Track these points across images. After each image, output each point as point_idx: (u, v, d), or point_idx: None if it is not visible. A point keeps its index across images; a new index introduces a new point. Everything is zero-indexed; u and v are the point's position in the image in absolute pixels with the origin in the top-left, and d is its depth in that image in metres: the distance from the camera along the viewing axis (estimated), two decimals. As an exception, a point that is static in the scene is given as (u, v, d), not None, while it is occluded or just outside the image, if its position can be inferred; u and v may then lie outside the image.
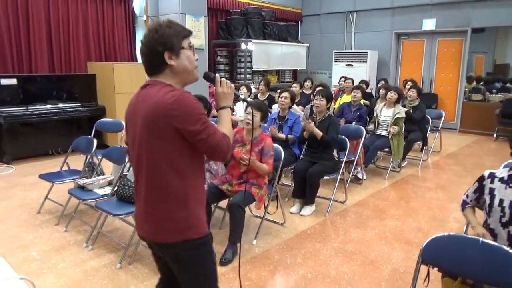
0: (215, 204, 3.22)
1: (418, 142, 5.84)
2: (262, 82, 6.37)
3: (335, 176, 3.98)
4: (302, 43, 9.86)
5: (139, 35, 7.58)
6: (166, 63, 1.51)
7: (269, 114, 4.90)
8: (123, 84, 6.11)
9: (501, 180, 2.09)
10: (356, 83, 6.82)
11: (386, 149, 5.15)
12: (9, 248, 3.11)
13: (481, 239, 1.70)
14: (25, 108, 5.62)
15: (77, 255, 2.99)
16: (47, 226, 3.52)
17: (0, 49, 5.83)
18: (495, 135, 7.97)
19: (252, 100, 1.78)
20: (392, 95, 5.04)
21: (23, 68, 6.14)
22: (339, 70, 9.48)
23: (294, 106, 4.84)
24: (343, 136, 4.10)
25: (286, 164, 4.05)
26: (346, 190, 4.25)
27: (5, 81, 5.53)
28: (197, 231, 1.54)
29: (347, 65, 9.48)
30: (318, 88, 5.17)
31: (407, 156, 5.76)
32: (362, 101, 5.61)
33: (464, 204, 2.25)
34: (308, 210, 3.88)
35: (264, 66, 8.55)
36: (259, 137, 3.18)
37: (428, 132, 6.01)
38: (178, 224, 1.52)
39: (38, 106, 5.76)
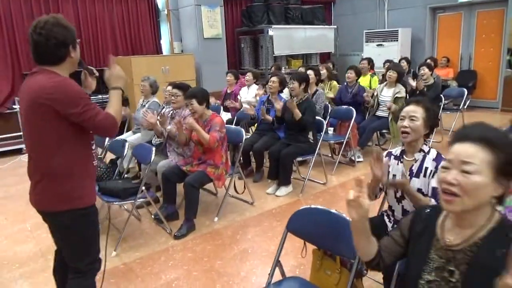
0: (178, 183, 3.46)
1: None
2: (273, 67, 6.46)
3: (310, 157, 4.02)
4: (330, 25, 9.65)
5: (163, 29, 8.02)
6: (69, 55, 1.75)
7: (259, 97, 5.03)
8: (140, 76, 6.55)
9: (395, 157, 2.10)
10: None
11: (385, 131, 5.01)
12: (12, 221, 3.65)
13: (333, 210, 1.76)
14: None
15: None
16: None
17: (36, 49, 6.57)
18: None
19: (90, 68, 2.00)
20: (391, 74, 4.87)
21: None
22: (370, 50, 9.17)
23: (285, 90, 4.90)
24: (321, 118, 4.11)
25: (268, 147, 4.18)
26: (325, 171, 4.27)
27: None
28: (81, 202, 1.78)
29: (377, 45, 9.14)
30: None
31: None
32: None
33: None
34: (283, 190, 3.98)
35: (286, 51, 8.56)
36: (209, 118, 3.35)
37: (441, 112, 5.69)
38: (63, 195, 1.75)
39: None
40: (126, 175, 3.59)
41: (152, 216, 3.46)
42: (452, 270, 1.15)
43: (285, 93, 5.24)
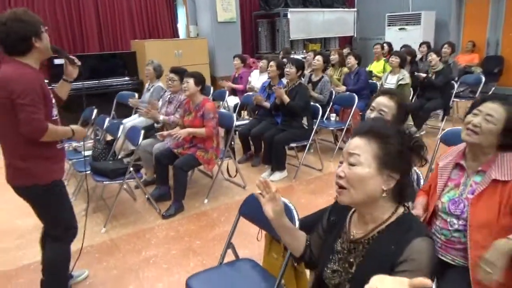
0: (170, 165, 3.58)
1: (439, 111, 5.41)
2: (282, 51, 6.42)
3: (305, 143, 4.04)
4: (350, 8, 9.41)
5: (180, 12, 8.10)
6: (33, 46, 1.89)
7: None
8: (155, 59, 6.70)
9: None
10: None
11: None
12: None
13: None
14: (76, 83, 6.57)
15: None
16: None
17: (56, 32, 6.83)
18: None
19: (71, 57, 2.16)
20: (393, 59, 4.76)
21: (77, 48, 7.12)
22: (391, 34, 8.90)
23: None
24: (317, 104, 4.10)
25: (266, 132, 4.23)
26: (321, 158, 4.28)
27: (58, 61, 6.52)
28: (41, 179, 1.97)
29: (399, 29, 8.85)
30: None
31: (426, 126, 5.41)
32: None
33: None
34: (277, 176, 4.04)
35: (303, 35, 8.46)
36: (200, 103, 3.42)
37: (455, 99, 5.50)
38: (29, 173, 1.95)
39: (88, 82, 6.68)
40: (120, 156, 3.75)
41: (146, 197, 3.61)
42: (352, 261, 1.18)
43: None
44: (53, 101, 2.04)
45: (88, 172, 3.29)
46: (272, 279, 1.72)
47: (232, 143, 4.02)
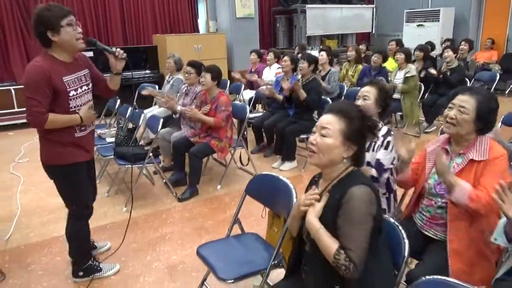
0: (186, 152, 3.83)
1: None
2: (297, 47, 6.59)
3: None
4: (368, 5, 9.46)
5: (201, 8, 8.36)
6: (52, 40, 2.05)
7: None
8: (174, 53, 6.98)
9: None
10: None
11: (399, 113, 5.05)
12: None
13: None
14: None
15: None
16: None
17: (83, 26, 7.19)
18: None
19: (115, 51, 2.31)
20: (398, 56, 4.89)
21: (102, 41, 7.44)
22: (410, 31, 8.93)
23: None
24: (327, 98, 4.27)
25: (277, 124, 4.43)
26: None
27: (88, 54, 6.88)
28: (62, 160, 2.18)
29: (418, 26, 8.86)
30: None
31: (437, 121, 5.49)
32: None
33: None
34: (287, 165, 4.24)
35: (319, 31, 8.59)
36: (216, 96, 3.65)
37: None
38: (51, 153, 2.19)
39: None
40: (141, 143, 4.02)
41: (163, 181, 3.88)
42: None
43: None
44: (72, 93, 2.12)
45: (112, 156, 3.58)
46: (272, 249, 1.93)
47: (245, 133, 4.24)
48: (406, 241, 1.46)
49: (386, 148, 2.08)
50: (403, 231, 1.49)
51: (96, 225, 3.04)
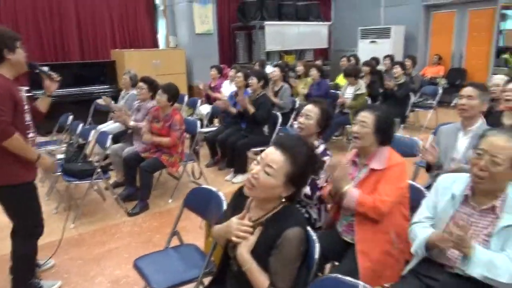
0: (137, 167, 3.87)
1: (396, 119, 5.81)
2: (257, 63, 6.79)
3: (264, 149, 4.36)
4: (324, 22, 9.86)
5: (161, 23, 8.44)
6: (5, 58, 2.12)
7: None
8: (132, 68, 7.01)
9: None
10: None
11: (348, 126, 5.30)
12: None
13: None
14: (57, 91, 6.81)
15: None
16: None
17: (38, 41, 7.08)
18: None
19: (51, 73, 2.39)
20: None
21: (58, 56, 7.37)
22: (364, 47, 9.36)
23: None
24: (277, 113, 4.45)
25: (229, 138, 4.55)
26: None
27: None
28: (11, 180, 2.16)
29: (371, 42, 9.31)
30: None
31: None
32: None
33: None
34: (239, 178, 4.35)
35: (278, 47, 8.86)
36: (170, 113, 3.73)
37: (413, 109, 5.93)
38: (6, 174, 2.16)
39: (68, 89, 6.90)
40: (95, 158, 4.02)
41: (114, 197, 3.89)
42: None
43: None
44: (26, 107, 2.22)
45: (59, 173, 3.56)
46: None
47: (197, 147, 4.33)
48: (318, 244, 1.59)
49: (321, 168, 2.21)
50: (314, 236, 1.61)
51: (42, 242, 3.00)
